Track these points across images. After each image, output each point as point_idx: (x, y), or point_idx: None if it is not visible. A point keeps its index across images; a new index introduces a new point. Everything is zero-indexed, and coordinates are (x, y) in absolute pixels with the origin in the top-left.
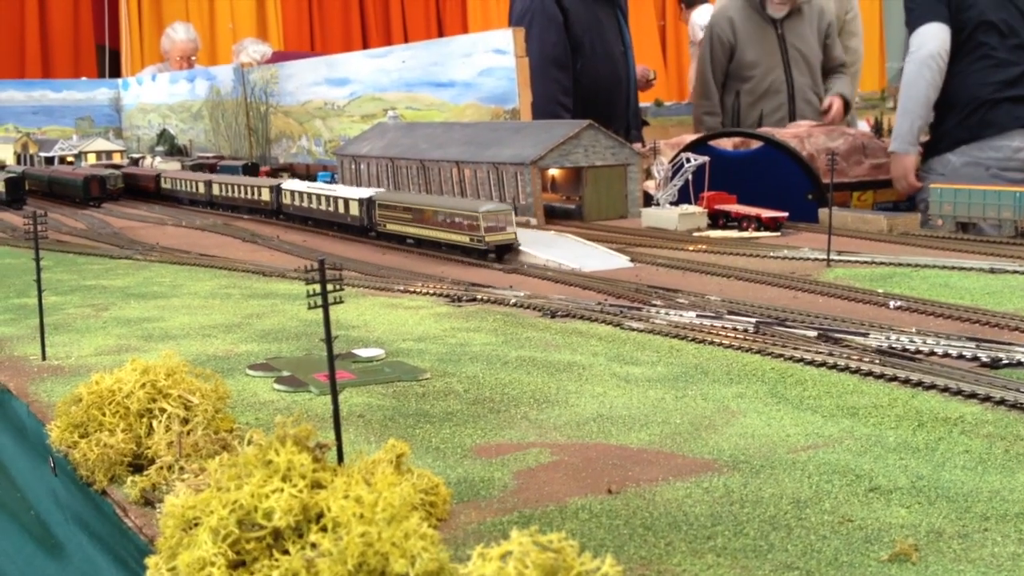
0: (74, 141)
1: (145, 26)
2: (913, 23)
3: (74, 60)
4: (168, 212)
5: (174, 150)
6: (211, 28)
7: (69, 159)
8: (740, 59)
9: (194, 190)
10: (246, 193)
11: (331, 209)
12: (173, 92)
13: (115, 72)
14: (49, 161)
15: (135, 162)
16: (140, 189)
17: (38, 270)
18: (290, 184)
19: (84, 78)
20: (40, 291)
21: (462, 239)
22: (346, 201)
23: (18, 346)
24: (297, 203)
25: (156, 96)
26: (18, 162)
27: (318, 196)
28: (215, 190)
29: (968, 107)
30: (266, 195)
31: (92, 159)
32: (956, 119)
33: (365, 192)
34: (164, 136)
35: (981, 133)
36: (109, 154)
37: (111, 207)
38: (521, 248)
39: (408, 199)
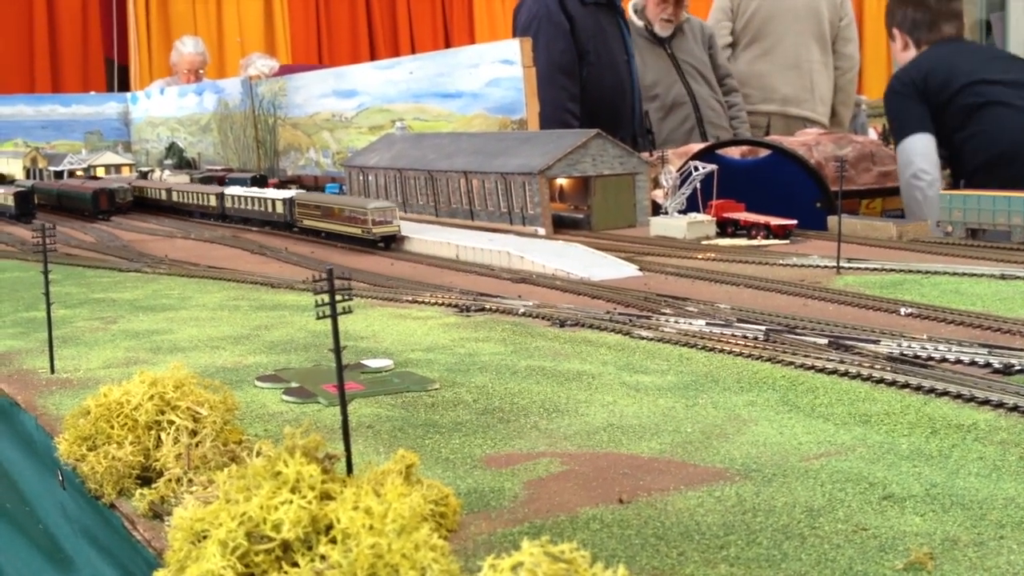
0: (83, 155)
1: (154, 40)
2: (896, 138)
3: (83, 74)
4: (177, 225)
5: (183, 163)
6: (219, 42)
7: (78, 173)
8: (642, 83)
9: (159, 197)
10: (197, 199)
11: (262, 209)
12: (182, 105)
13: (124, 86)
14: (58, 175)
15: (143, 175)
16: None
17: (47, 283)
18: (231, 190)
19: (93, 92)
20: (49, 304)
21: (356, 231)
22: (272, 201)
23: (27, 359)
24: (237, 206)
25: (165, 109)
26: (27, 176)
27: (252, 198)
28: (174, 197)
29: (997, 160)
30: (213, 200)
31: (101, 173)
32: (986, 171)
33: (287, 193)
34: (173, 149)
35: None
36: (118, 168)
37: (120, 220)
38: (407, 236)
39: (319, 199)
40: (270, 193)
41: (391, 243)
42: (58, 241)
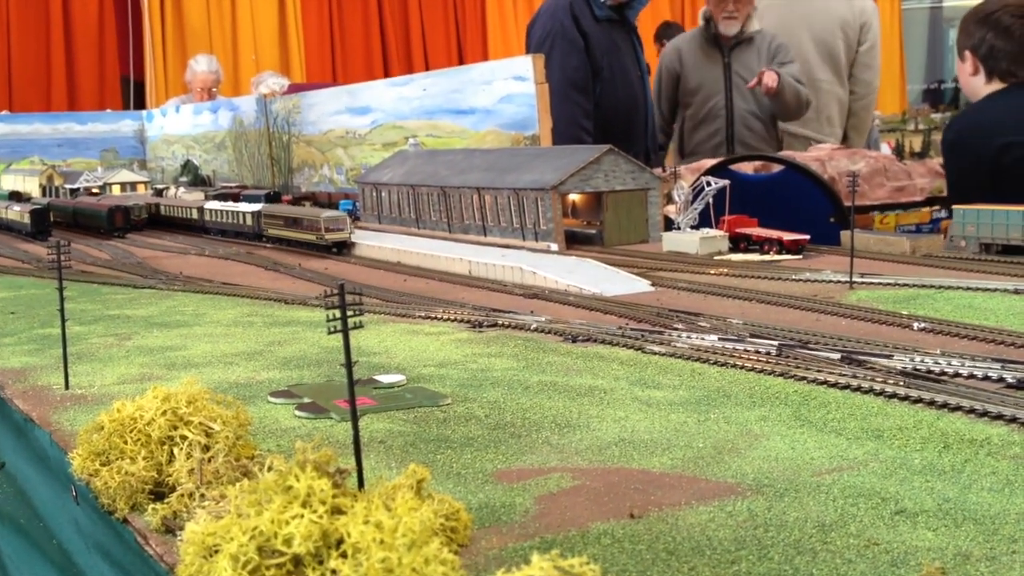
0: (99, 173)
1: (169, 58)
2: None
3: (99, 92)
4: (191, 242)
5: (198, 180)
6: (234, 60)
7: (94, 191)
8: (684, 86)
9: (152, 212)
10: (181, 213)
11: (235, 221)
12: (197, 123)
13: (139, 104)
14: (74, 193)
15: (159, 192)
16: None
17: (61, 300)
18: (210, 204)
19: (109, 110)
20: (63, 321)
21: (311, 237)
22: (243, 214)
23: (41, 375)
24: (215, 219)
25: (180, 127)
26: (43, 194)
27: (226, 211)
28: (162, 211)
29: None
30: (194, 214)
31: (116, 191)
32: None
33: (255, 206)
34: (188, 167)
35: None
36: (134, 185)
37: (135, 237)
38: (356, 242)
39: (281, 210)
40: (241, 207)
41: (343, 248)
42: (73, 258)
